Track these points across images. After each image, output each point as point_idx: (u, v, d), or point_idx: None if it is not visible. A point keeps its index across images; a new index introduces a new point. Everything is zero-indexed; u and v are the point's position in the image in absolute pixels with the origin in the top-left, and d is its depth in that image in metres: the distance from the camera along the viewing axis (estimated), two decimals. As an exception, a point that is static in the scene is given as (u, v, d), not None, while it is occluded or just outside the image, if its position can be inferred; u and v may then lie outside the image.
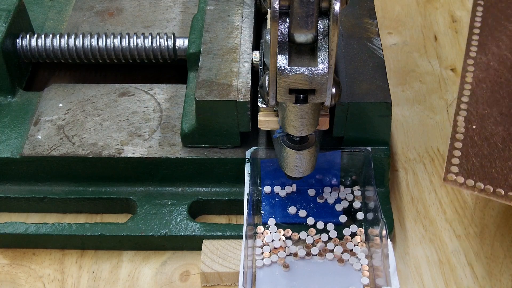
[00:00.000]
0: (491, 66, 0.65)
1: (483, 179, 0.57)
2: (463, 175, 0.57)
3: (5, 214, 0.68)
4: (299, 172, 0.60)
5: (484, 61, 0.65)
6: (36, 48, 0.74)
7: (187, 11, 0.81)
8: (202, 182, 0.67)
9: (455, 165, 0.58)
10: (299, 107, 0.54)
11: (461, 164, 0.58)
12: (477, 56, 0.65)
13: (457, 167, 0.57)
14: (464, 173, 0.57)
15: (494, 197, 0.56)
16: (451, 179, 0.57)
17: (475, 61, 0.65)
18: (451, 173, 0.57)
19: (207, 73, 0.66)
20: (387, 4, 0.92)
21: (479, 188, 0.57)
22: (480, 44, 0.67)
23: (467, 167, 0.57)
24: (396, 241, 0.66)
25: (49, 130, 0.68)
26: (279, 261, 0.62)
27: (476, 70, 0.64)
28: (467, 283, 0.62)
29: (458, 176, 0.57)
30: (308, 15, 0.52)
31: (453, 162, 0.58)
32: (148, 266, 0.64)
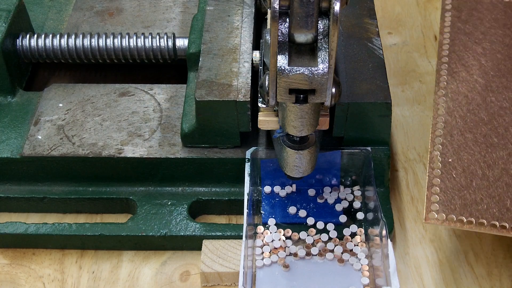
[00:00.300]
0: (461, 93, 0.65)
1: (464, 212, 0.57)
2: (444, 212, 0.57)
3: (5, 214, 0.68)
4: (299, 172, 0.60)
5: (454, 89, 0.65)
6: (36, 48, 0.74)
7: (187, 11, 0.81)
8: (202, 182, 0.67)
9: (435, 203, 0.58)
10: (299, 107, 0.54)
11: (441, 200, 0.58)
12: (447, 85, 0.65)
13: (437, 204, 0.58)
14: (445, 209, 0.57)
15: (478, 228, 0.57)
16: (433, 218, 0.57)
17: (446, 91, 0.65)
18: (432, 211, 0.57)
19: (207, 73, 0.66)
20: (387, 4, 0.92)
21: (462, 222, 0.57)
22: (450, 72, 0.66)
23: (447, 202, 0.58)
24: (396, 241, 0.66)
25: (49, 130, 0.68)
26: (279, 261, 0.62)
27: (447, 101, 0.64)
28: (467, 283, 0.62)
29: (440, 214, 0.57)
30: (308, 15, 0.52)
31: (432, 200, 0.58)
32: (148, 266, 0.64)
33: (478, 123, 0.62)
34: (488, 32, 0.70)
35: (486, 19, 0.71)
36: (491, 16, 0.71)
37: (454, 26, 0.70)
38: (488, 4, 0.72)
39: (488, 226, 0.57)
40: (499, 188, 0.59)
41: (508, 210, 0.57)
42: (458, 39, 0.69)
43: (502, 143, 0.61)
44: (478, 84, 0.65)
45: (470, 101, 0.64)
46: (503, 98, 0.64)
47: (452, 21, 0.70)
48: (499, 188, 0.59)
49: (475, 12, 0.71)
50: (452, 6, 0.72)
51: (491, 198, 0.58)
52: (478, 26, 0.70)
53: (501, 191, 0.59)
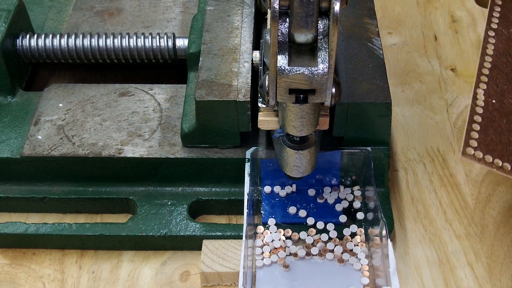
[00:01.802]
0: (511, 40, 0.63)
1: (501, 156, 0.55)
2: (482, 150, 0.55)
3: (5, 214, 0.68)
4: (299, 172, 0.60)
5: (505, 34, 0.63)
6: (36, 48, 0.74)
7: (187, 11, 0.81)
8: (202, 182, 0.67)
9: (474, 139, 0.56)
10: (299, 107, 0.54)
11: (480, 138, 0.56)
12: (498, 28, 0.63)
13: (475, 141, 0.56)
14: (483, 148, 0.55)
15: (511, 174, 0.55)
16: (470, 154, 0.55)
17: (496, 33, 0.63)
18: (470, 147, 0.55)
19: (207, 73, 0.66)
20: (387, 4, 0.92)
21: (497, 165, 0.55)
22: (502, 16, 0.65)
23: (486, 142, 0.56)
24: (396, 241, 0.66)
25: (49, 130, 0.68)
26: (279, 261, 0.62)
27: (497, 42, 0.62)
28: (467, 283, 0.62)
29: (477, 151, 0.55)
30: (308, 15, 0.52)
31: (472, 136, 0.56)
32: (148, 266, 0.64)
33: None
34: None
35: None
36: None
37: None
38: None
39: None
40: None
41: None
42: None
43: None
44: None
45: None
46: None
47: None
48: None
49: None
50: None
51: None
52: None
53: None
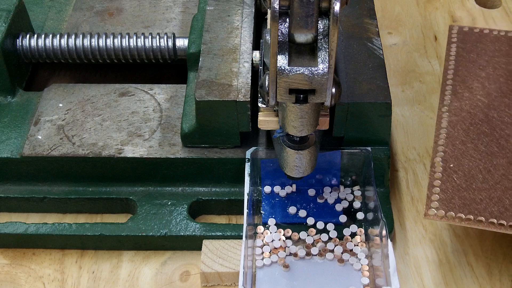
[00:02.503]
0: (464, 110, 0.67)
1: (463, 210, 0.59)
2: (443, 208, 0.59)
3: (5, 214, 0.68)
4: (299, 172, 0.60)
5: (457, 106, 0.67)
6: (36, 48, 0.74)
7: (187, 11, 0.81)
8: (202, 182, 0.67)
9: (435, 201, 0.59)
10: (299, 107, 0.54)
11: (441, 199, 0.59)
12: (451, 104, 0.67)
13: (437, 202, 0.59)
14: (444, 206, 0.59)
15: (476, 225, 0.58)
16: (432, 214, 0.59)
17: (449, 108, 0.67)
18: (432, 208, 0.59)
19: (207, 73, 0.66)
20: (387, 4, 0.92)
21: (460, 218, 0.58)
22: (453, 92, 0.69)
23: (447, 201, 0.59)
24: (396, 241, 0.66)
25: (49, 130, 0.68)
26: (279, 261, 0.62)
27: (450, 116, 0.66)
28: (467, 283, 0.62)
29: (439, 210, 0.59)
30: (308, 15, 0.52)
31: (433, 198, 0.60)
32: (148, 266, 0.64)
33: (480, 135, 0.64)
34: (492, 60, 0.73)
35: (489, 50, 0.74)
36: (495, 47, 0.74)
37: (459, 55, 0.73)
38: (492, 37, 0.75)
39: (486, 223, 0.58)
40: (498, 191, 0.60)
41: (506, 209, 0.59)
42: (462, 66, 0.72)
43: (503, 152, 0.63)
44: (481, 103, 0.67)
45: (473, 116, 0.66)
46: (505, 114, 0.66)
47: (457, 51, 0.74)
48: (498, 191, 0.60)
49: (479, 44, 0.75)
50: (457, 39, 0.75)
51: (490, 199, 0.59)
52: (482, 55, 0.73)
53: (501, 193, 0.60)
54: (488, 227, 0.58)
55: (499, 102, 0.68)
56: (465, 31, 0.76)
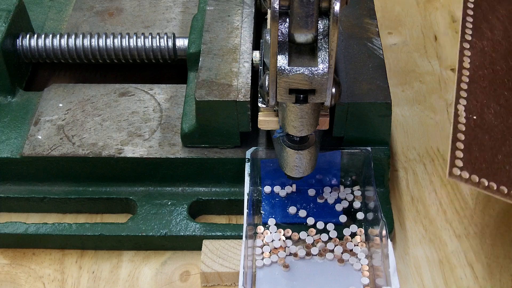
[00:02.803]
0: (486, 52, 0.62)
1: (487, 175, 0.55)
2: (468, 170, 0.54)
3: (5, 214, 0.68)
4: (299, 172, 0.60)
5: (479, 46, 0.62)
6: (36, 48, 0.74)
7: (187, 11, 0.81)
8: (202, 182, 0.67)
9: (459, 159, 0.55)
10: (299, 107, 0.54)
11: (465, 158, 0.55)
12: (472, 40, 0.63)
13: (461, 161, 0.55)
14: (469, 168, 0.54)
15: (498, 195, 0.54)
16: (456, 174, 0.54)
17: (471, 45, 0.62)
18: (456, 167, 0.54)
19: (207, 73, 0.66)
20: (387, 4, 0.92)
21: (483, 185, 0.54)
22: (475, 27, 0.64)
23: (471, 161, 0.55)
24: (396, 241, 0.66)
25: (49, 130, 0.68)
26: (279, 261, 0.62)
27: (472, 56, 0.61)
28: (467, 283, 0.62)
29: (463, 171, 0.54)
30: (308, 15, 0.52)
31: (457, 155, 0.55)
32: (148, 266, 0.64)
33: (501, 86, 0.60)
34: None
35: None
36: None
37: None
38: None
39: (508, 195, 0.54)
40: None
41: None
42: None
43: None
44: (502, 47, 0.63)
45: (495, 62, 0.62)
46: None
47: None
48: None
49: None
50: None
51: None
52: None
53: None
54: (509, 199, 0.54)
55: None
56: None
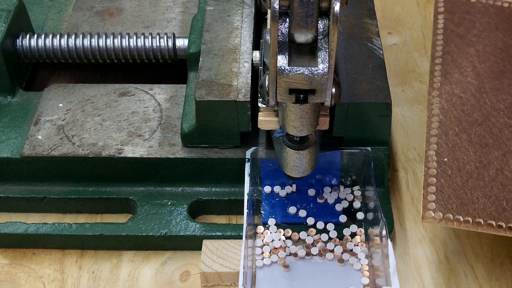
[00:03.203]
0: (455, 94, 0.65)
1: (460, 211, 0.57)
2: (441, 211, 0.57)
3: (5, 214, 0.68)
4: (299, 172, 0.60)
5: (448, 90, 0.65)
6: (36, 48, 0.74)
7: (187, 11, 0.81)
8: (202, 182, 0.67)
9: (432, 202, 0.58)
10: (299, 107, 0.54)
11: (437, 200, 0.58)
12: (441, 86, 0.65)
13: (434, 203, 0.58)
14: (442, 208, 0.57)
15: (475, 228, 0.57)
16: (430, 217, 0.57)
17: (440, 92, 0.65)
18: (429, 210, 0.57)
19: (207, 73, 0.66)
20: (387, 4, 0.92)
21: (459, 221, 0.57)
22: (443, 73, 0.67)
23: (444, 201, 0.58)
24: (396, 241, 0.66)
25: (49, 130, 0.68)
26: (279, 261, 0.62)
27: (441, 101, 0.64)
28: (467, 283, 0.62)
29: (436, 213, 0.57)
30: (308, 15, 0.52)
31: (429, 198, 0.58)
32: (148, 266, 0.64)
33: (473, 124, 0.63)
34: (481, 35, 0.70)
35: (478, 22, 0.71)
36: (483, 20, 0.71)
37: (447, 28, 0.70)
38: (480, 7, 0.72)
39: (485, 225, 0.57)
40: (494, 188, 0.59)
41: (504, 209, 0.58)
42: (451, 41, 0.69)
43: (496, 143, 0.62)
44: (472, 86, 0.65)
45: (464, 102, 0.64)
46: (496, 100, 0.65)
47: (445, 24, 0.71)
48: (494, 188, 0.59)
49: (467, 15, 0.72)
50: (444, 9, 0.72)
51: (487, 198, 0.58)
52: (471, 29, 0.70)
53: (497, 191, 0.59)
54: (487, 230, 0.56)
55: (490, 85, 0.65)
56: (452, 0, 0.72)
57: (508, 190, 0.59)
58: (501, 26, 0.71)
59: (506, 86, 0.65)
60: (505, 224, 0.57)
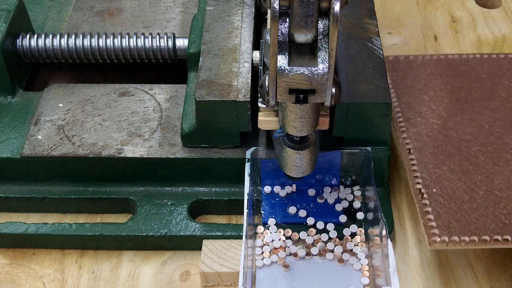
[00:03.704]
0: (423, 135, 0.68)
1: (465, 232, 0.59)
2: (445, 234, 0.59)
3: (5, 214, 0.68)
4: (299, 172, 0.60)
5: (415, 132, 0.68)
6: (36, 48, 0.74)
7: (187, 11, 0.81)
8: (202, 182, 0.67)
9: (434, 228, 0.59)
10: (299, 107, 0.54)
11: (438, 225, 0.59)
12: (408, 129, 0.68)
13: (436, 229, 0.59)
14: (445, 232, 0.59)
15: (483, 245, 0.58)
16: (436, 242, 0.58)
17: (408, 134, 0.68)
18: (434, 236, 0.59)
19: (207, 73, 0.66)
20: (387, 4, 0.92)
21: (465, 242, 0.58)
22: (406, 119, 0.69)
23: (445, 226, 0.59)
24: (396, 241, 0.66)
25: (49, 130, 0.68)
26: (279, 261, 0.62)
27: (412, 142, 0.67)
28: (467, 283, 0.62)
29: (442, 237, 0.58)
30: (308, 15, 0.52)
31: (430, 226, 0.59)
32: (148, 266, 0.64)
33: (449, 156, 0.65)
34: (429, 83, 0.74)
35: (422, 74, 0.75)
36: (427, 71, 0.75)
37: (395, 83, 0.74)
38: (419, 62, 0.77)
39: (491, 241, 0.58)
40: (489, 207, 0.61)
41: (505, 224, 0.59)
42: (403, 92, 0.73)
43: (477, 168, 0.64)
44: (436, 125, 0.68)
45: (434, 140, 0.67)
46: (463, 133, 0.67)
47: (392, 80, 0.74)
48: (489, 207, 0.61)
49: (410, 70, 0.75)
50: (388, 68, 0.75)
51: (486, 217, 0.60)
52: (418, 79, 0.74)
53: (492, 209, 0.60)
54: (495, 244, 0.58)
55: (453, 122, 0.69)
56: (391, 60, 0.77)
57: (502, 206, 0.61)
58: (445, 73, 0.75)
59: (467, 120, 0.69)
60: (511, 237, 0.58)
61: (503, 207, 0.60)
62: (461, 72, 0.75)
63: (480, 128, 0.68)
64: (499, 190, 0.62)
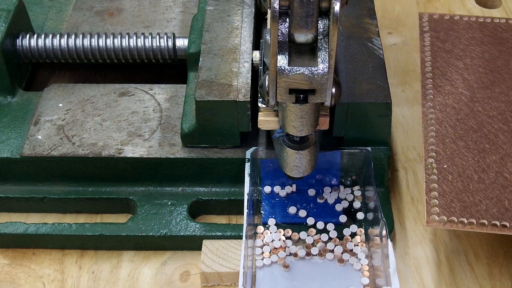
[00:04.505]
0: (449, 105, 0.66)
1: (464, 214, 0.58)
2: (445, 214, 0.58)
3: (5, 214, 0.68)
4: (299, 172, 0.60)
5: (441, 101, 0.67)
6: (36, 48, 0.74)
7: (187, 11, 0.81)
8: (202, 182, 0.67)
9: (435, 207, 0.59)
10: (299, 107, 0.54)
11: (441, 204, 0.59)
12: (434, 98, 0.67)
13: (437, 208, 0.59)
14: (445, 212, 0.58)
15: (480, 229, 0.58)
16: (434, 221, 0.58)
17: (433, 103, 0.67)
18: (433, 214, 0.58)
19: (207, 73, 0.66)
20: (387, 4, 0.92)
21: (463, 223, 0.58)
22: (435, 86, 0.68)
23: (447, 205, 0.59)
24: (396, 241, 0.66)
25: (49, 130, 0.68)
26: (279, 261, 0.62)
27: (436, 112, 0.66)
28: (467, 283, 0.62)
29: (440, 216, 0.58)
30: (308, 15, 0.52)
31: (432, 204, 0.59)
32: (148, 266, 0.64)
33: (468, 131, 0.64)
34: (467, 49, 0.72)
35: (463, 38, 0.73)
36: (468, 35, 0.74)
37: (434, 45, 0.72)
38: (464, 24, 0.75)
39: (489, 226, 0.58)
40: (495, 190, 0.60)
41: (507, 210, 0.58)
42: (439, 56, 0.71)
43: (493, 148, 0.63)
44: (464, 96, 0.67)
45: (458, 112, 0.66)
46: (489, 107, 0.66)
47: (431, 41, 0.73)
48: (495, 190, 0.60)
49: (452, 32, 0.74)
50: (429, 27, 0.74)
51: (489, 200, 0.59)
52: (457, 44, 0.73)
53: (498, 192, 0.60)
54: (492, 230, 0.57)
55: (482, 94, 0.67)
56: (436, 19, 0.75)
57: (509, 191, 0.60)
58: (486, 39, 0.73)
59: (497, 94, 0.67)
60: (509, 223, 0.58)
61: (509, 192, 0.60)
62: (503, 39, 0.72)
63: (508, 104, 0.66)
64: (509, 173, 0.61)
